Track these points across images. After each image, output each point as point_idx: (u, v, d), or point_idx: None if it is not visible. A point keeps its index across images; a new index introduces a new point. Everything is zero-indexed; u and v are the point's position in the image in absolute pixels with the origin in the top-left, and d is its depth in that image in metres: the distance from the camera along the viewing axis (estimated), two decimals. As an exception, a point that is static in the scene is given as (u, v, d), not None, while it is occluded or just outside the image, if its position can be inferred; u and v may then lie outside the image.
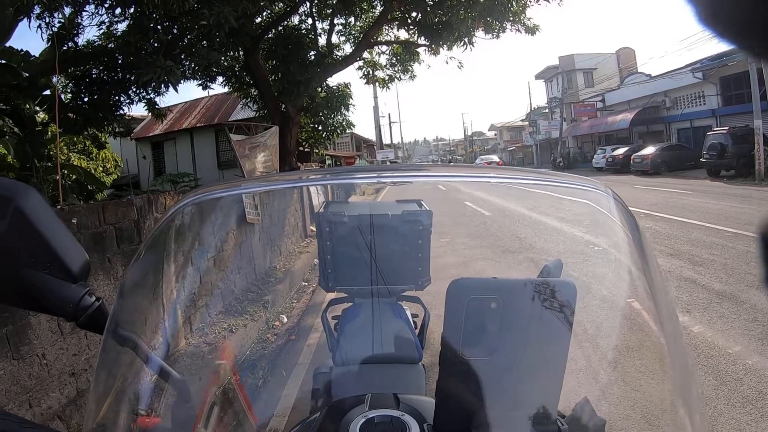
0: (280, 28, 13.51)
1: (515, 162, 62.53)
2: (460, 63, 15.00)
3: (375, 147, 50.95)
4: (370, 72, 16.55)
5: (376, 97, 44.98)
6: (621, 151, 31.59)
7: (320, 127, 15.95)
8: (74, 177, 10.01)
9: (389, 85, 17.08)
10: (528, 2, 12.62)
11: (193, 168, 21.26)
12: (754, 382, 3.91)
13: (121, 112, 11.05)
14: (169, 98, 34.49)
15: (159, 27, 9.24)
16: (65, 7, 8.45)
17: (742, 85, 23.85)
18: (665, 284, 0.96)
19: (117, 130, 11.93)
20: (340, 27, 15.37)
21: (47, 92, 9.55)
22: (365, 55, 15.62)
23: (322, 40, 14.34)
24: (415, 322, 2.36)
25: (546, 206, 7.08)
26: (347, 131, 19.31)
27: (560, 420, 0.92)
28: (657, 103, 32.96)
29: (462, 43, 13.13)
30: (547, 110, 52.40)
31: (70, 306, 0.77)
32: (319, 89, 14.58)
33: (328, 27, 14.43)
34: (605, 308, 1.12)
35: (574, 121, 44.35)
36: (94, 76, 10.32)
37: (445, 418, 0.95)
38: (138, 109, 13.01)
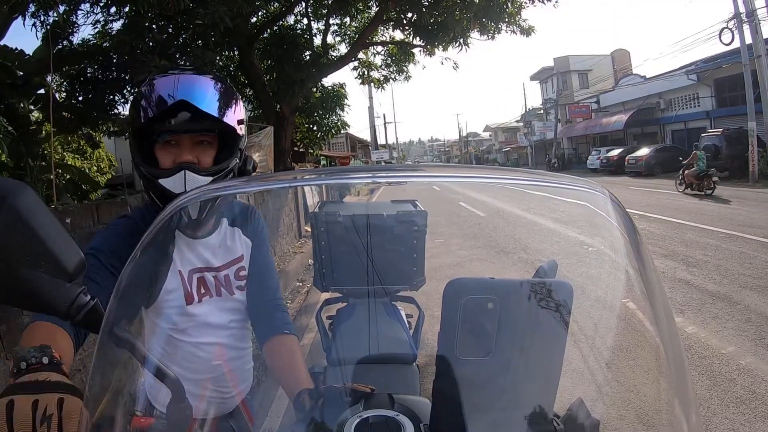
0: (275, 28, 13.51)
1: (510, 163, 62.63)
2: (455, 64, 15.01)
3: (370, 147, 50.92)
4: (366, 72, 16.56)
5: (371, 98, 45.02)
6: (615, 152, 31.65)
7: (315, 128, 15.97)
8: (68, 176, 9.97)
9: (384, 85, 17.13)
10: (523, 3, 12.65)
11: (188, 167, 21.15)
12: (748, 382, 3.93)
13: (116, 111, 10.98)
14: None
15: (154, 26, 9.22)
16: (60, 6, 8.42)
17: (736, 87, 23.90)
18: (662, 285, 0.97)
19: (111, 129, 11.80)
20: (336, 27, 15.42)
21: (41, 91, 9.51)
22: (360, 55, 15.64)
23: (317, 40, 14.36)
24: (409, 323, 2.36)
25: (541, 207, 7.09)
26: (342, 132, 19.31)
27: (556, 420, 0.92)
28: (651, 105, 33.02)
29: (457, 44, 13.16)
30: (542, 111, 52.54)
31: (65, 305, 0.77)
32: (314, 89, 14.58)
33: (323, 27, 14.46)
34: (600, 309, 1.12)
35: (568, 122, 44.43)
36: (88, 75, 10.27)
37: (441, 419, 0.95)
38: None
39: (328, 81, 15.55)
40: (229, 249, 1.47)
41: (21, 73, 8.93)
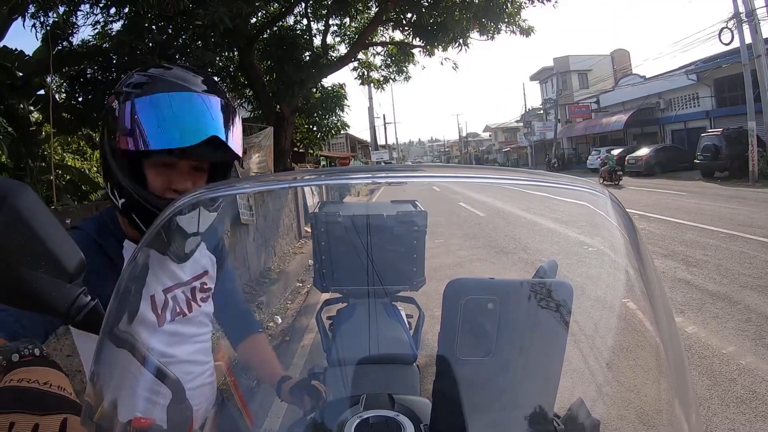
0: (275, 28, 13.48)
1: (510, 163, 62.67)
2: (454, 64, 14.94)
3: (370, 148, 50.95)
4: (365, 73, 16.52)
5: (371, 98, 45.10)
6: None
7: (315, 128, 15.94)
8: (68, 177, 9.96)
9: (384, 86, 17.09)
10: (523, 3, 12.63)
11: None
12: (748, 382, 3.93)
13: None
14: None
15: (154, 27, 9.23)
16: (60, 6, 8.41)
17: (736, 87, 23.91)
18: (662, 285, 0.96)
19: (111, 130, 11.78)
20: (336, 28, 15.37)
21: (41, 92, 9.51)
22: (360, 55, 15.59)
23: (317, 41, 14.32)
24: (409, 323, 2.36)
25: (541, 207, 7.09)
26: (342, 132, 19.30)
27: (556, 420, 0.92)
28: (651, 105, 33.05)
29: (457, 45, 13.14)
30: (541, 111, 52.56)
31: (65, 305, 0.77)
32: (314, 90, 14.56)
33: (323, 27, 14.42)
34: (600, 309, 1.12)
35: (568, 122, 44.44)
36: (88, 75, 10.24)
37: (441, 419, 0.95)
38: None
39: (328, 81, 15.56)
40: (196, 261, 1.41)
41: (21, 74, 8.93)
